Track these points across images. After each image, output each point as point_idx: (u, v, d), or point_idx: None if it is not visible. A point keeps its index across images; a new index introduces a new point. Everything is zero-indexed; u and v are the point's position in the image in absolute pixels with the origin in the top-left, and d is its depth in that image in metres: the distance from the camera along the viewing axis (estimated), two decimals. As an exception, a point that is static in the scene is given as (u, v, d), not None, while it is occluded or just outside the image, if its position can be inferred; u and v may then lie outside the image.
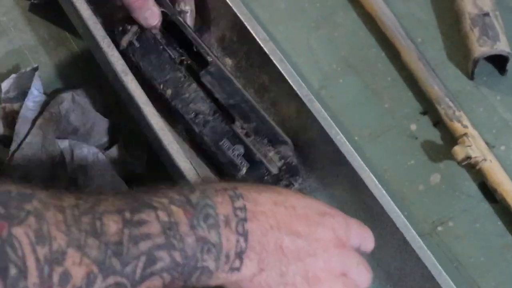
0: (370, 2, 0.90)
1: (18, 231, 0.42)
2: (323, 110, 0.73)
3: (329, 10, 0.92)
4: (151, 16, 0.77)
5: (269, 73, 0.77)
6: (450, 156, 0.80)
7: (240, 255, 0.49)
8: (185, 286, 0.47)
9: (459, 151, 0.79)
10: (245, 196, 0.50)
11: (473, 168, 0.81)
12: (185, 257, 0.46)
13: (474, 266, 0.77)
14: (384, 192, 0.70)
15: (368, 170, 0.71)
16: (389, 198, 0.70)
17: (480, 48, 0.84)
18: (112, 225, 0.44)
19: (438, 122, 0.84)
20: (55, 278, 0.42)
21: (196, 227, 0.47)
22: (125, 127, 0.82)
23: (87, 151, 0.76)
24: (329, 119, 0.73)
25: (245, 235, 0.49)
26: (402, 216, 0.69)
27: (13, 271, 0.41)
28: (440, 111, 0.83)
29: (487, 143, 0.81)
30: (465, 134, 0.80)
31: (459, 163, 0.79)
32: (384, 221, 0.70)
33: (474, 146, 0.79)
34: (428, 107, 0.85)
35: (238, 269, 0.49)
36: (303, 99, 0.73)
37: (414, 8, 0.92)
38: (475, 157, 0.79)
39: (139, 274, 0.44)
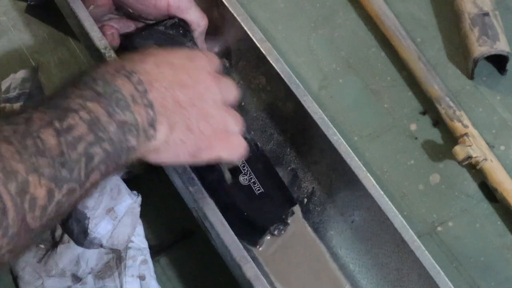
0: (370, 2, 0.90)
1: None
2: (320, 110, 0.73)
3: (329, 10, 0.92)
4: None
5: (266, 73, 0.77)
6: (450, 156, 0.80)
7: (152, 124, 0.54)
8: (116, 168, 0.52)
9: (459, 151, 0.79)
10: (136, 70, 0.54)
11: (473, 168, 0.80)
12: (113, 144, 0.51)
13: (474, 266, 0.77)
14: (381, 192, 0.70)
15: (365, 170, 0.71)
16: (387, 198, 0.70)
17: (480, 48, 0.84)
18: (50, 138, 0.47)
19: (438, 122, 0.84)
20: (26, 205, 0.45)
21: (113, 114, 0.51)
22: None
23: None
24: (326, 119, 0.73)
25: (150, 105, 0.54)
26: (400, 216, 0.69)
27: None
28: (440, 110, 0.83)
29: (486, 143, 0.81)
30: (466, 134, 0.80)
31: (459, 163, 0.79)
32: (382, 221, 0.70)
33: (474, 146, 0.79)
34: (428, 107, 0.85)
35: (154, 137, 0.54)
36: (300, 99, 0.73)
37: (414, 8, 0.92)
38: (476, 156, 0.78)
39: (84, 174, 0.49)
